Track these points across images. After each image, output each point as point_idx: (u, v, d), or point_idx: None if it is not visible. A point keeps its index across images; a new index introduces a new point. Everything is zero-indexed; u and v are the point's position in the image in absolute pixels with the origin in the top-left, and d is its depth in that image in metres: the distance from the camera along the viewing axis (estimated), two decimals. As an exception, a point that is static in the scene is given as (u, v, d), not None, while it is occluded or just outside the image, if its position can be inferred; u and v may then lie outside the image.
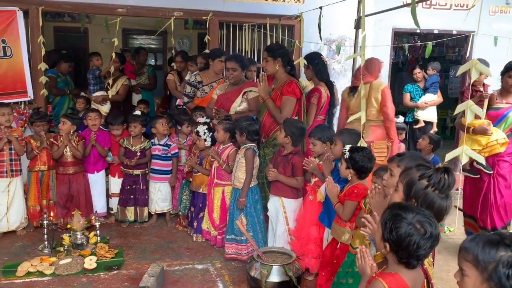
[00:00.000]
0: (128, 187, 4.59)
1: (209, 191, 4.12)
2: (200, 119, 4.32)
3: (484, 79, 4.32)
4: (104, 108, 5.65)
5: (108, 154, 4.73)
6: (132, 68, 6.84)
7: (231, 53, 5.70)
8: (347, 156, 2.86)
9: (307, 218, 3.46)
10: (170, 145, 4.63)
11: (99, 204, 4.67)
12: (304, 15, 5.02)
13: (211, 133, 4.18)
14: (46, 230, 3.87)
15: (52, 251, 3.84)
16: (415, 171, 1.97)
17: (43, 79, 5.10)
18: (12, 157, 4.20)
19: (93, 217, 4.21)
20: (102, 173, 4.73)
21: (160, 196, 4.62)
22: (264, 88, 3.97)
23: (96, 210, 4.52)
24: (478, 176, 4.04)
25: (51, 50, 7.12)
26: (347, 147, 2.91)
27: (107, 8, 5.34)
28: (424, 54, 5.63)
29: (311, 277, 3.50)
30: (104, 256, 3.72)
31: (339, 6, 4.46)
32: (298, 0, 5.83)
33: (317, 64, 4.40)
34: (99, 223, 4.08)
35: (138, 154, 4.55)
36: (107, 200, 4.81)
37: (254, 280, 3.19)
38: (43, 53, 5.11)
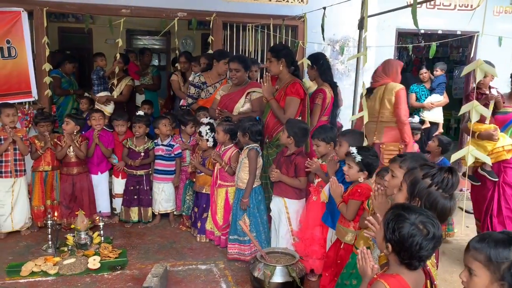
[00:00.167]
0: (131, 187, 4.60)
1: (212, 192, 4.12)
2: (204, 119, 4.32)
3: (490, 81, 4.24)
4: (108, 109, 5.66)
5: (113, 157, 4.74)
6: (135, 68, 6.85)
7: (234, 53, 5.70)
8: (359, 160, 2.83)
9: (310, 219, 3.46)
10: (173, 145, 4.63)
11: (103, 204, 4.68)
12: (308, 16, 5.01)
13: (213, 133, 4.18)
14: (50, 230, 3.89)
15: (56, 251, 3.85)
16: (419, 170, 1.96)
17: (48, 80, 5.11)
18: (17, 157, 4.22)
19: (97, 217, 4.23)
20: (105, 173, 4.74)
21: (164, 196, 4.62)
22: (268, 88, 3.96)
23: (100, 210, 4.53)
24: (479, 183, 3.92)
25: (55, 51, 7.14)
26: (354, 150, 2.87)
27: (111, 9, 5.36)
28: (428, 54, 5.60)
29: (315, 277, 3.49)
30: (108, 256, 3.73)
31: (343, 7, 4.45)
32: (301, 0, 5.82)
33: (322, 65, 4.40)
34: (102, 223, 4.09)
35: (142, 154, 4.56)
36: (111, 201, 4.82)
37: (257, 280, 3.18)
38: (47, 53, 5.13)
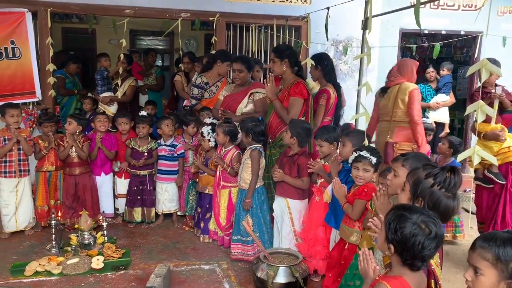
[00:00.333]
0: (135, 187, 4.61)
1: (214, 194, 4.13)
2: (207, 119, 4.32)
3: (496, 80, 4.21)
4: (111, 109, 5.67)
5: (116, 164, 4.74)
6: (139, 69, 6.86)
7: (238, 54, 5.70)
8: (375, 162, 2.82)
9: (313, 219, 3.45)
10: (176, 145, 4.64)
11: (106, 205, 4.69)
12: (311, 16, 4.99)
13: (215, 133, 4.19)
14: (54, 230, 3.90)
15: (60, 251, 3.86)
16: (422, 170, 1.96)
17: (51, 80, 5.12)
18: (21, 157, 4.23)
19: (100, 217, 4.23)
20: (109, 174, 4.74)
21: (167, 196, 4.63)
22: (272, 89, 3.96)
23: (103, 211, 4.54)
24: (492, 186, 3.89)
25: (59, 51, 7.17)
26: (366, 153, 2.84)
27: (115, 9, 5.37)
28: (432, 55, 5.57)
29: (318, 278, 3.48)
30: (111, 256, 3.74)
31: (346, 7, 4.44)
32: (305, 0, 5.81)
33: (326, 66, 4.40)
34: (106, 223, 4.09)
35: (145, 154, 4.57)
36: (114, 201, 4.83)
37: (260, 281, 3.18)
38: (51, 54, 5.15)
